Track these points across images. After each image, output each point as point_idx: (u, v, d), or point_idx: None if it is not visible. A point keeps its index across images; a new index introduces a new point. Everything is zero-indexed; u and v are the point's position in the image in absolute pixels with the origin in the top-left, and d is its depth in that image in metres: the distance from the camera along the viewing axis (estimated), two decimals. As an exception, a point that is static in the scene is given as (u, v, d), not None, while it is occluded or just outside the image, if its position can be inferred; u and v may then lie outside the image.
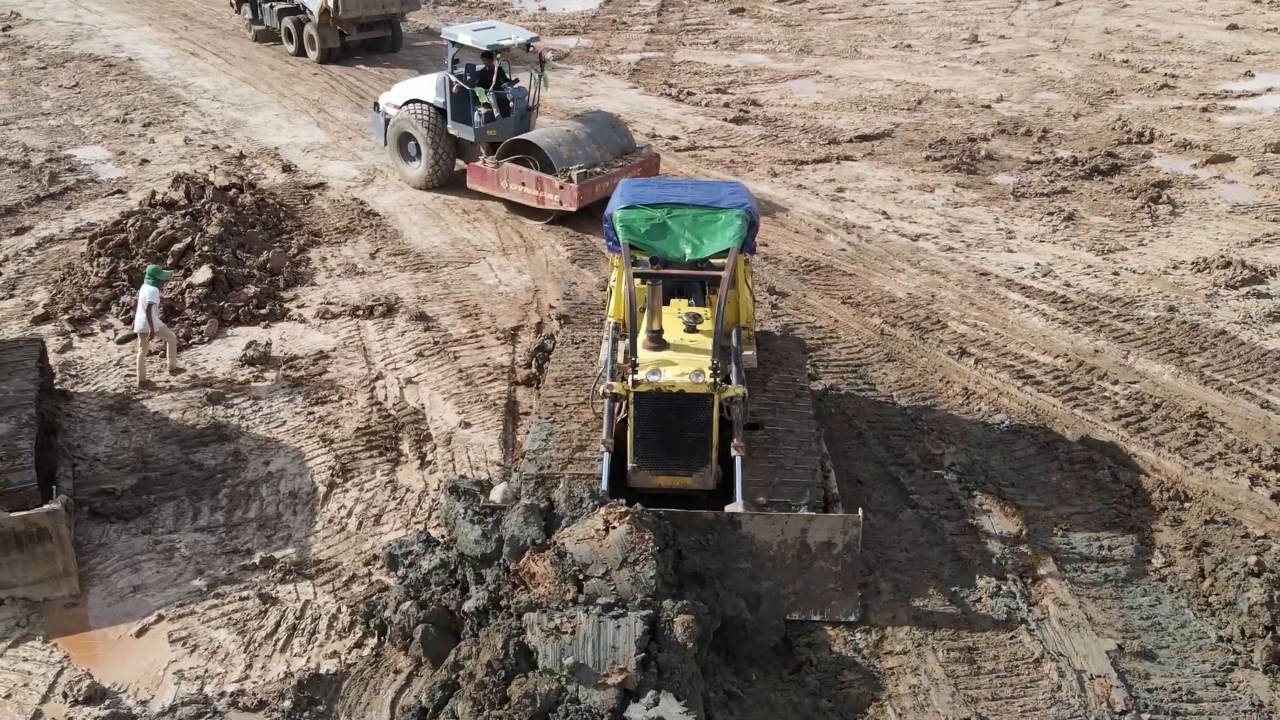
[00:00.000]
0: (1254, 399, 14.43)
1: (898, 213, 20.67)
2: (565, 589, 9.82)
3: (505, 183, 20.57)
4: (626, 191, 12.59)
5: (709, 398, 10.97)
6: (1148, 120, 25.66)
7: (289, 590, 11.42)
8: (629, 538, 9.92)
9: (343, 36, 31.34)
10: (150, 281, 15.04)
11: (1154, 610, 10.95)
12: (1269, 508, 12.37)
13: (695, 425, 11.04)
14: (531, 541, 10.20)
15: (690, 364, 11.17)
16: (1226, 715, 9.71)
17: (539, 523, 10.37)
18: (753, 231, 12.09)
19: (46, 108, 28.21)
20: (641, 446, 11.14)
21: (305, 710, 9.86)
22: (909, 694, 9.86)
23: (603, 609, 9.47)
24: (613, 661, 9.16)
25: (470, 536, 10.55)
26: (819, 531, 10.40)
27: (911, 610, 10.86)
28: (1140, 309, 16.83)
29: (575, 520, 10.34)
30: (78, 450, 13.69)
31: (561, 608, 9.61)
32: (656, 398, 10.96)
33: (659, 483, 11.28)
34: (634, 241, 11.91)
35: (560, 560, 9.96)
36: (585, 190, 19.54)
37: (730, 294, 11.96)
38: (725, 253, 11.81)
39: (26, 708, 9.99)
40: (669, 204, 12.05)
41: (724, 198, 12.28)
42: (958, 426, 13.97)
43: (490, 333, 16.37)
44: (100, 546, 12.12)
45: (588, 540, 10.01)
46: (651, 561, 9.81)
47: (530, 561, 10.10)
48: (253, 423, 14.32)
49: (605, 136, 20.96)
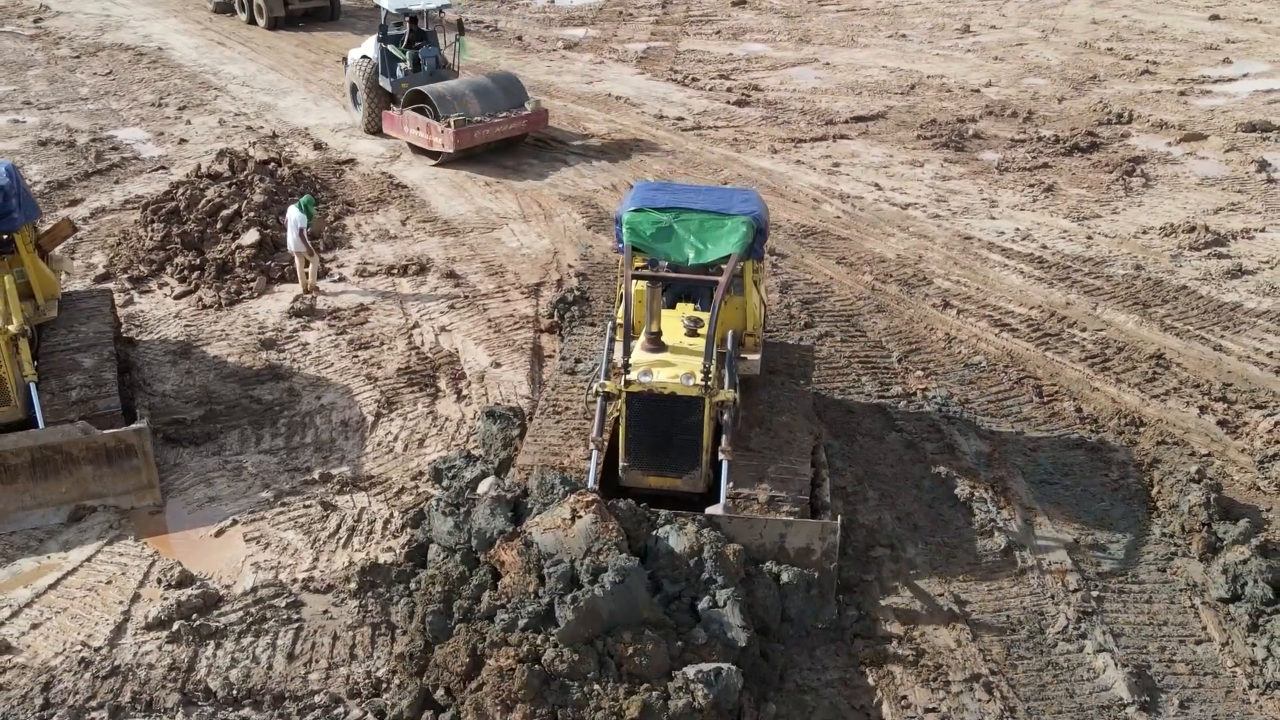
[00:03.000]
0: (1208, 343, 15.96)
1: (889, 185, 22.21)
2: (528, 580, 9.80)
3: (405, 127, 24.06)
4: (638, 194, 12.73)
5: (700, 401, 10.95)
6: (1127, 103, 27.17)
7: (346, 500, 12.96)
8: (594, 527, 9.91)
9: (286, 6, 36.72)
10: (300, 209, 17.46)
11: (1108, 513, 12.48)
12: (1214, 432, 13.90)
13: (686, 428, 11.05)
14: (498, 533, 10.33)
15: (686, 367, 11.12)
16: (1165, 592, 11.24)
17: (505, 514, 10.60)
18: (760, 239, 12.21)
19: (84, 93, 29.75)
20: (632, 446, 11.22)
21: (368, 592, 11.36)
22: (891, 576, 11.39)
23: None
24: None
25: (443, 528, 10.85)
26: (797, 536, 10.59)
27: (895, 512, 12.39)
28: (1110, 268, 18.36)
29: (545, 508, 10.46)
30: (148, 387, 15.23)
31: (525, 601, 9.66)
32: (648, 399, 11.01)
33: (650, 483, 11.33)
34: (638, 244, 12.01)
35: (526, 550, 9.98)
36: (462, 136, 22.74)
37: (737, 300, 12.19)
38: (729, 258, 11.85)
39: (126, 591, 11.53)
40: (677, 208, 12.16)
41: (734, 205, 12.37)
42: (940, 366, 15.50)
43: (515, 288, 17.92)
44: (175, 467, 13.65)
45: (554, 529, 10.05)
46: (615, 552, 9.75)
47: (501, 550, 10.15)
48: (303, 364, 15.86)
49: (496, 92, 23.87)
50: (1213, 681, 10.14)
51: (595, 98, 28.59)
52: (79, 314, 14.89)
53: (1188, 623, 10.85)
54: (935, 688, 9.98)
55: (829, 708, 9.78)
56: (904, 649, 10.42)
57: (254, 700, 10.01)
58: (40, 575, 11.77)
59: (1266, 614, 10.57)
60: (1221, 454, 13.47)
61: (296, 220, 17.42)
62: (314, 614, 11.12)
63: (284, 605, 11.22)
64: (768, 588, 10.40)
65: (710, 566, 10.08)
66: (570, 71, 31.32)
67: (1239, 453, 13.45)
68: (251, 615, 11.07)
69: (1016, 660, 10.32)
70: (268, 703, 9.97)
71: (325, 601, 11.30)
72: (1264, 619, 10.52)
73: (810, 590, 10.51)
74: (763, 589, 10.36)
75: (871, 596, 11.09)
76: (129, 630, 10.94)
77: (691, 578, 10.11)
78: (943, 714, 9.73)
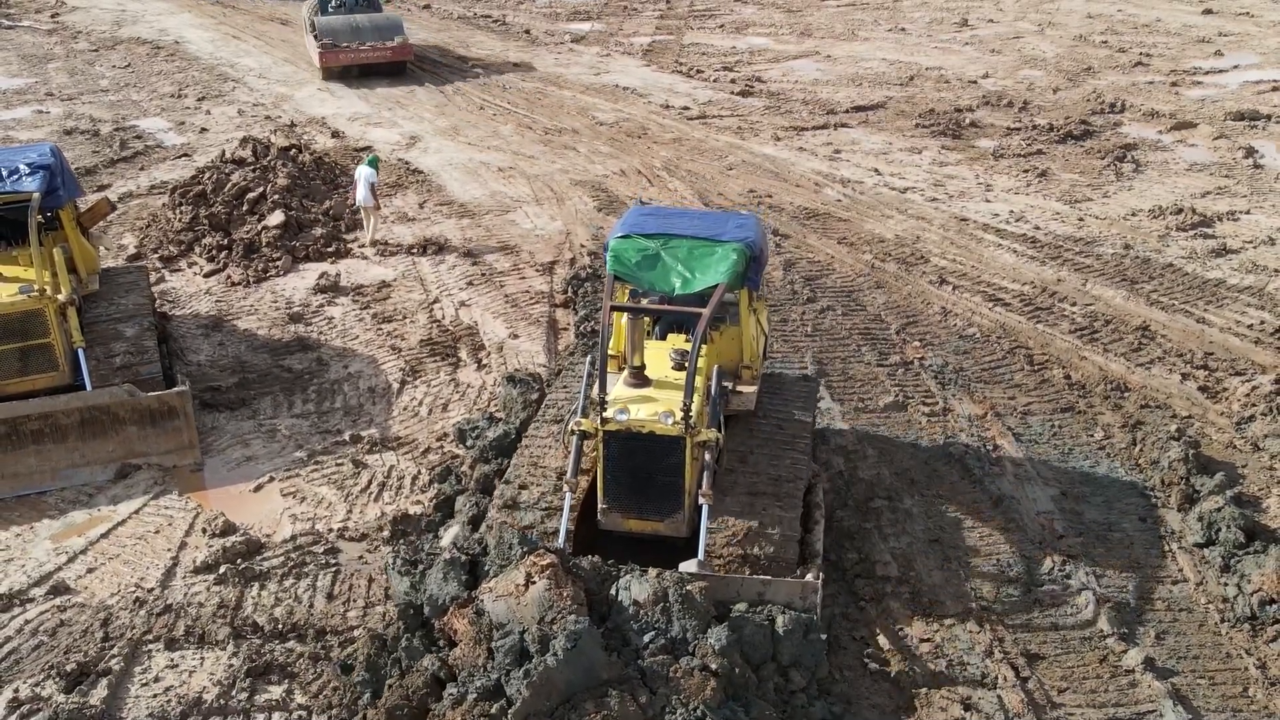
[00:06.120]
0: (1192, 316, 16.75)
1: (888, 170, 23.01)
2: (477, 653, 8.99)
3: (310, 50, 31.20)
4: (629, 220, 11.96)
5: (680, 440, 10.09)
6: (1120, 93, 27.97)
7: (376, 458, 13.75)
8: (547, 595, 9.01)
9: None
10: (369, 164, 19.34)
11: (1092, 470, 13.28)
12: (1195, 396, 14.69)
13: (666, 469, 10.21)
14: (450, 599, 9.56)
15: (667, 404, 10.24)
16: (1144, 539, 12.04)
17: (459, 578, 9.77)
18: (754, 267, 11.35)
19: (104, 85, 30.56)
20: (610, 489, 10.39)
21: (399, 540, 12.15)
22: (890, 523, 12.19)
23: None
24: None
25: (400, 588, 10.10)
26: (777, 595, 9.76)
27: (893, 468, 13.18)
28: (1100, 247, 19.16)
29: (503, 570, 9.58)
30: (184, 357, 16.03)
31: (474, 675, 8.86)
32: (626, 438, 10.17)
33: (630, 526, 10.54)
34: (621, 273, 11.17)
35: (478, 619, 9.19)
36: (327, 56, 30.05)
37: (732, 330, 11.60)
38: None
39: (174, 539, 12.33)
40: (666, 235, 11.36)
41: (728, 231, 11.53)
42: (936, 338, 16.29)
43: (530, 266, 18.73)
44: (212, 429, 14.45)
45: (505, 597, 9.15)
46: (571, 619, 8.85)
47: (453, 617, 9.36)
48: (330, 337, 16.67)
49: (369, 29, 30.57)
50: (1187, 617, 10.92)
51: (603, 89, 29.41)
52: (118, 287, 15.67)
53: (1165, 566, 11.64)
54: (929, 621, 10.77)
55: (829, 638, 10.56)
56: (901, 589, 11.22)
57: (298, 634, 10.79)
58: (92, 526, 12.58)
59: (1238, 556, 11.35)
60: (1201, 416, 14.25)
61: (368, 175, 19.13)
62: (350, 559, 11.92)
63: (321, 551, 12.02)
64: (758, 629, 9.46)
65: (678, 611, 9.31)
66: (578, 64, 32.15)
67: (1218, 415, 14.24)
68: (292, 560, 11.86)
69: (1005, 598, 11.10)
70: (311, 636, 10.74)
71: (360, 548, 12.10)
72: (1235, 560, 11.31)
73: (808, 635, 9.54)
74: (751, 629, 9.43)
75: (871, 542, 11.88)
76: (178, 574, 11.74)
77: (659, 626, 9.28)
78: (936, 644, 10.52)
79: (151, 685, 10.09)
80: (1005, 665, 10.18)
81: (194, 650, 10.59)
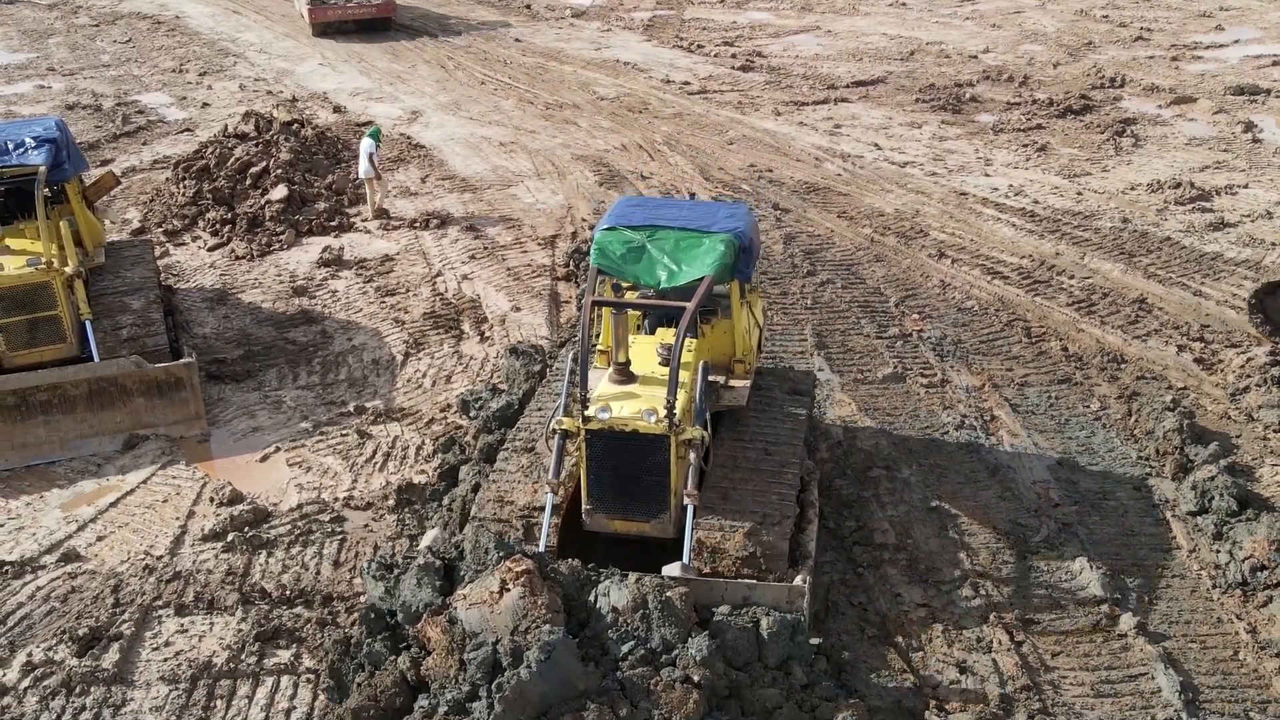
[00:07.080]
0: (1189, 289, 16.88)
1: (888, 145, 23.09)
2: (450, 664, 8.69)
3: (297, 7, 33.05)
4: (616, 211, 11.68)
5: (665, 439, 9.74)
6: (1121, 68, 27.99)
7: (381, 429, 13.92)
8: (521, 603, 8.64)
9: None
10: (371, 136, 19.58)
11: (1089, 440, 13.43)
12: (1191, 368, 14.84)
13: (650, 468, 9.88)
14: (424, 606, 9.22)
15: (652, 402, 9.90)
16: (1139, 507, 12.21)
17: (433, 584, 9.36)
18: (744, 258, 11.00)
19: (105, 60, 30.60)
20: (594, 489, 10.08)
21: (404, 508, 12.33)
22: (888, 492, 12.36)
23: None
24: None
25: (375, 593, 9.69)
26: (763, 598, 9.40)
27: (890, 439, 13.35)
28: (1098, 221, 19.26)
29: (478, 575, 9.20)
30: (189, 329, 16.18)
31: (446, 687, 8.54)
32: (608, 437, 9.85)
33: (615, 527, 10.24)
34: (606, 267, 10.87)
35: (450, 628, 8.86)
36: (315, 12, 31.86)
37: (724, 324, 11.26)
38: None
39: (181, 509, 12.51)
40: (653, 226, 11.02)
41: (717, 221, 11.18)
42: (935, 310, 16.43)
43: (532, 240, 18.86)
44: (219, 401, 14.62)
45: (479, 605, 8.80)
46: (546, 629, 8.49)
47: (427, 625, 9.03)
48: (334, 310, 16.81)
49: None
50: (1179, 583, 11.10)
51: (604, 63, 29.44)
52: (124, 261, 15.82)
53: (1159, 533, 11.81)
54: (926, 586, 10.96)
55: (828, 601, 10.75)
56: (898, 555, 11.40)
57: (305, 600, 10.98)
58: (101, 495, 12.77)
59: (1230, 524, 11.52)
60: (1197, 388, 14.40)
61: (368, 147, 19.33)
62: (355, 527, 12.10)
63: (328, 520, 12.21)
64: (741, 633, 9.05)
65: (657, 619, 8.91)
66: (579, 39, 32.16)
67: (1213, 386, 14.39)
68: (299, 528, 12.05)
69: (1001, 564, 11.28)
70: (318, 602, 10.94)
71: (365, 517, 12.28)
72: (1228, 528, 11.48)
73: (796, 637, 9.15)
74: (734, 634, 9.02)
75: (869, 510, 12.06)
76: (187, 541, 11.92)
77: (639, 635, 8.90)
78: (933, 609, 10.71)
79: (162, 649, 10.28)
80: (1000, 630, 10.36)
81: (203, 615, 10.78)
